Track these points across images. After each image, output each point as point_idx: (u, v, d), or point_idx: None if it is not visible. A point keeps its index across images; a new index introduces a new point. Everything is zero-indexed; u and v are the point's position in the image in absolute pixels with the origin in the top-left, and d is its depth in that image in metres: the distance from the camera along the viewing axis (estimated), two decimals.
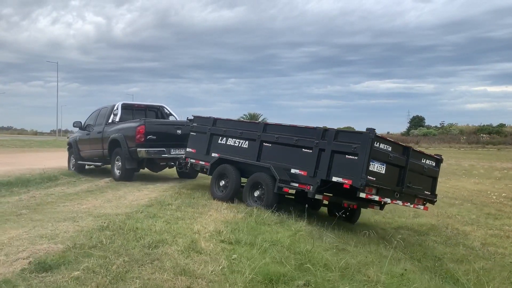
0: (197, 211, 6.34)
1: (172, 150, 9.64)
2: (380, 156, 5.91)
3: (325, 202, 7.07)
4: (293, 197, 7.36)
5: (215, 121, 8.30)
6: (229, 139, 7.87)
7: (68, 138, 16.97)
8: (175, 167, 10.28)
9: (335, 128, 6.37)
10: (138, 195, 7.78)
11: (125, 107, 11.20)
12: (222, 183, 7.51)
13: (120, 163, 9.86)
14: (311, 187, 6.29)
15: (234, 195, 7.25)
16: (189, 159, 8.72)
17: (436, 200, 7.12)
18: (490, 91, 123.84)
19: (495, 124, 58.99)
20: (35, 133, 76.18)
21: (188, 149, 8.78)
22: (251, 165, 7.23)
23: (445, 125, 65.34)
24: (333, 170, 6.10)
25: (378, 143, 5.86)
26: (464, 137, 53.84)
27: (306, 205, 6.46)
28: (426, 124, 67.50)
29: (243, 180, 7.40)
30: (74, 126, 12.29)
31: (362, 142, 5.79)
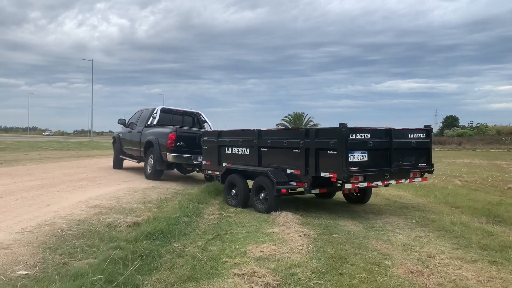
0: None
1: (198, 157, 10.31)
2: (358, 146, 6.23)
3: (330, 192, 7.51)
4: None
5: (219, 133, 8.98)
6: (234, 148, 8.51)
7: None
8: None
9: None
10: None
11: (164, 111, 12.40)
12: (233, 191, 8.19)
13: (152, 163, 11.10)
14: (306, 184, 6.79)
15: (246, 202, 7.91)
16: (206, 170, 9.51)
17: (433, 169, 7.27)
18: None
19: None
20: (62, 134, 78.17)
21: (203, 162, 9.56)
22: (254, 171, 7.83)
23: (473, 125, 61.55)
24: (321, 166, 6.54)
25: (354, 135, 6.18)
26: (510, 138, 52.29)
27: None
28: (460, 124, 63.72)
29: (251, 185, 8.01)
30: (118, 123, 13.83)
31: (338, 137, 6.16)
